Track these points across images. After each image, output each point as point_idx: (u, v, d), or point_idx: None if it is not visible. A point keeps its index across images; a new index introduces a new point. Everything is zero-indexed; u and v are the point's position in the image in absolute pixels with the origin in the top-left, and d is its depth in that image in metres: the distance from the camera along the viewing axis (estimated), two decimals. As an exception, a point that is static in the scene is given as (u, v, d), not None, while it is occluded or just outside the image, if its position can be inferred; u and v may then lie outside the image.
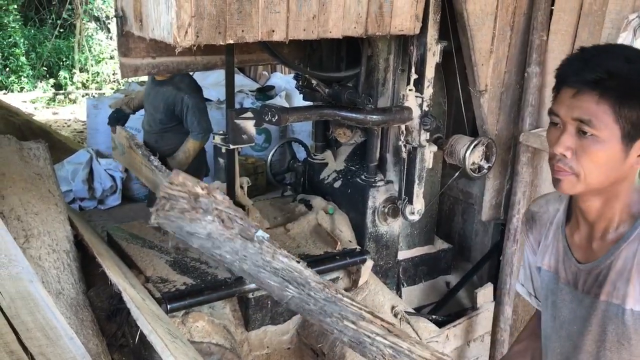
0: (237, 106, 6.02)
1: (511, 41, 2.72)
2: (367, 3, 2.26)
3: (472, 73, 2.68)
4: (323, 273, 2.56)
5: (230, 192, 2.67)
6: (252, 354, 2.61)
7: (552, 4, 2.64)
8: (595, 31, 2.52)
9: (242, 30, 2.05)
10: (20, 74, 9.38)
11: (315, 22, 2.18)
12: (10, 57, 9.38)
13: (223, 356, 2.38)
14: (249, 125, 2.47)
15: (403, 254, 3.06)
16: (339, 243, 2.69)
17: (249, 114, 2.46)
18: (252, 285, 2.37)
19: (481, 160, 2.73)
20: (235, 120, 2.45)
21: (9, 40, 9.45)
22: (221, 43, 2.03)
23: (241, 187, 2.76)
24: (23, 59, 9.42)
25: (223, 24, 2.01)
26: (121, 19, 2.47)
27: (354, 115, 2.50)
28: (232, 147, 2.50)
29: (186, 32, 1.94)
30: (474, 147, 2.66)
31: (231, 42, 2.04)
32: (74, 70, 9.83)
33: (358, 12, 2.26)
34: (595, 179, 1.16)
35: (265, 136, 5.93)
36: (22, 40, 9.48)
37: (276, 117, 2.36)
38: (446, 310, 3.05)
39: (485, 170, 2.75)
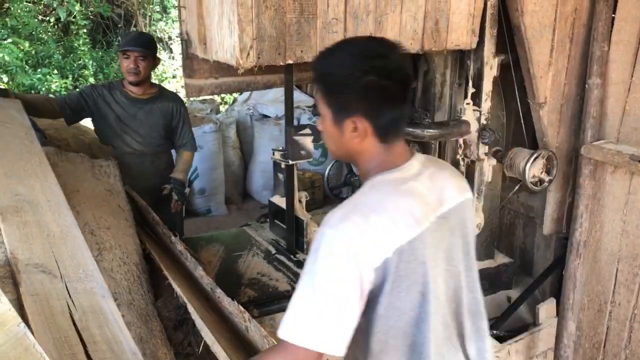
0: (295, 122, 6.15)
1: (570, 53, 2.69)
2: (423, 19, 2.29)
3: (531, 85, 2.66)
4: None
5: (290, 207, 2.74)
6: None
7: (614, 13, 2.60)
8: (658, 40, 2.47)
9: (301, 51, 2.12)
10: (89, 94, 9.81)
11: (372, 40, 2.23)
12: (80, 79, 9.83)
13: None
14: (307, 141, 2.54)
15: (462, 268, 3.03)
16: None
17: (307, 130, 2.52)
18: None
19: (542, 173, 2.69)
20: (294, 137, 2.52)
21: (79, 62, 9.92)
22: (281, 63, 2.11)
23: (299, 201, 2.82)
24: (92, 79, 9.86)
25: (283, 45, 2.08)
26: (186, 42, 2.60)
27: (411, 129, 2.52)
28: (291, 162, 2.57)
29: (248, 54, 2.02)
30: (534, 160, 2.64)
31: (290, 62, 2.11)
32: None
33: (414, 29, 2.29)
34: (331, 149, 1.46)
35: (322, 151, 6.01)
36: (90, 62, 9.93)
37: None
38: (507, 325, 3.01)
39: (546, 184, 2.72)
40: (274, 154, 2.73)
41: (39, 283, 1.76)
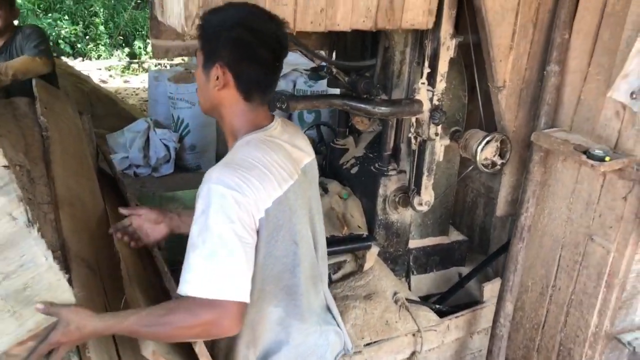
0: (290, 84, 6.17)
1: (534, 38, 2.68)
2: (377, -3, 2.31)
3: (491, 69, 2.67)
4: (330, 255, 2.67)
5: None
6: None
7: (577, 2, 2.58)
8: (616, 32, 2.45)
9: (249, 21, 2.15)
10: (98, 42, 9.88)
11: (323, 15, 2.25)
12: (90, 26, 9.90)
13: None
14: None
15: (415, 243, 3.11)
16: (345, 227, 2.79)
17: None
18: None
19: (494, 156, 2.73)
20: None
21: (90, 9, 9.97)
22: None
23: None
24: (102, 27, 9.92)
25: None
26: (152, 3, 2.64)
27: (362, 105, 2.56)
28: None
29: (193, 22, 2.07)
30: (487, 142, 2.68)
31: (237, 32, 2.15)
32: (148, 41, 10.24)
33: (367, 6, 2.31)
34: (200, 101, 1.56)
35: (315, 115, 6.05)
36: (102, 10, 9.97)
37: (285, 104, 2.46)
38: (456, 301, 3.09)
39: (498, 167, 2.76)
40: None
41: (84, 276, 1.85)
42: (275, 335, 1.58)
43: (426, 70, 2.58)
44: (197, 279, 1.33)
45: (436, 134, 2.66)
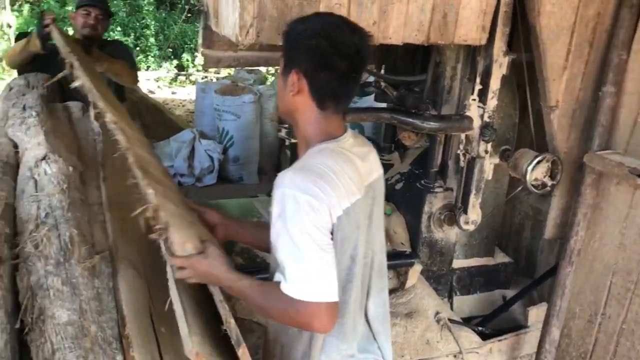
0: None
1: (589, 58, 2.63)
2: (430, 11, 2.29)
3: (544, 88, 2.62)
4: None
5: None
6: (295, 338, 2.75)
7: (637, 22, 2.52)
8: (677, 53, 2.39)
9: (302, 33, 2.17)
10: (148, 53, 10.12)
11: (375, 28, 2.25)
12: (141, 38, 10.15)
13: (263, 335, 2.54)
14: (311, 122, 2.59)
15: (459, 263, 3.06)
16: (388, 244, 2.76)
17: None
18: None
19: (545, 177, 2.67)
20: (298, 116, 2.58)
21: (142, 22, 10.24)
22: (280, 44, 2.16)
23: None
24: (152, 39, 10.16)
25: (283, 26, 2.14)
26: (205, 13, 2.69)
27: (411, 120, 2.54)
28: (293, 140, 2.64)
29: (247, 32, 2.09)
30: (538, 163, 2.62)
31: (290, 43, 2.17)
32: (196, 54, 10.43)
33: (420, 20, 2.30)
34: (278, 105, 1.58)
35: (359, 131, 6.04)
36: (153, 23, 10.22)
37: (333, 117, 2.45)
38: (498, 324, 3.02)
39: (548, 188, 2.69)
40: (280, 131, 2.80)
41: (131, 277, 1.90)
42: (314, 355, 1.56)
43: (477, 86, 2.55)
44: (289, 278, 1.39)
45: (486, 152, 2.61)
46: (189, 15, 10.75)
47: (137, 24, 10.18)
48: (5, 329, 1.50)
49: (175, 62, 10.38)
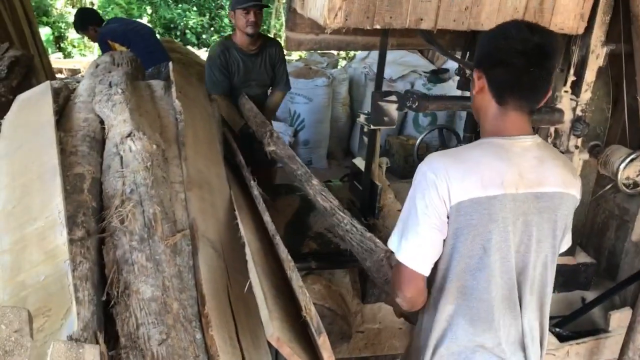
0: (407, 86, 6.08)
1: (694, 50, 2.45)
2: (526, -3, 2.19)
3: (642, 81, 2.47)
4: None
5: (368, 171, 2.78)
6: (364, 326, 2.72)
7: None
8: None
9: (390, 17, 2.11)
10: (222, 33, 10.24)
11: (467, 13, 2.17)
12: (216, 18, 10.28)
13: (334, 321, 2.53)
14: (392, 108, 2.54)
15: (538, 260, 2.94)
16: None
17: (393, 97, 2.52)
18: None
19: (638, 176, 2.52)
20: (379, 102, 2.53)
21: (217, 2, 10.36)
22: (368, 27, 2.12)
23: (380, 166, 2.84)
24: (226, 20, 10.27)
25: (372, 10, 2.08)
26: (290, -5, 2.66)
27: (498, 110, 2.43)
28: (372, 127, 2.59)
29: (336, 15, 2.05)
30: (631, 160, 2.47)
31: (378, 27, 2.11)
32: (269, 35, 10.49)
33: (515, 7, 2.20)
34: (472, 104, 1.62)
35: (431, 119, 5.93)
36: (227, 3, 10.33)
37: (416, 104, 2.39)
38: (576, 327, 2.89)
39: (640, 188, 2.55)
40: (359, 117, 2.76)
41: (209, 256, 1.93)
42: (443, 330, 1.61)
43: (571, 78, 2.42)
44: (392, 244, 1.56)
45: (576, 147, 2.49)
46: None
47: (213, 4, 10.31)
48: (92, 301, 1.53)
49: (248, 43, 10.47)
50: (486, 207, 1.46)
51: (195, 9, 10.13)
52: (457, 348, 1.59)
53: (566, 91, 2.44)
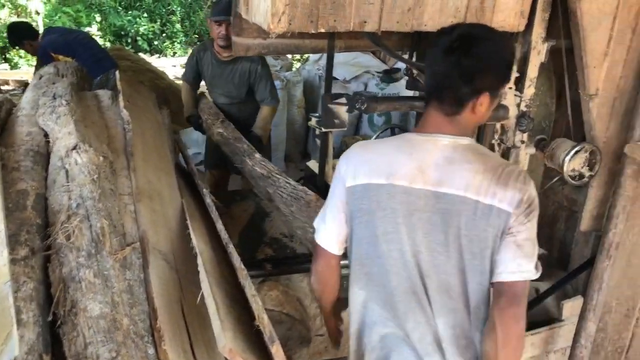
0: (361, 86, 6.11)
1: (631, 44, 2.52)
2: (467, -3, 2.22)
3: (583, 75, 2.53)
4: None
5: (321, 173, 2.78)
6: (324, 329, 2.72)
7: (683, 7, 2.41)
8: None
9: (334, 20, 2.11)
10: (175, 39, 10.14)
11: (410, 14, 2.19)
12: (167, 24, 10.16)
13: (293, 326, 2.52)
14: (342, 111, 2.55)
15: (491, 254, 2.99)
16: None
17: (343, 100, 2.53)
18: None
19: (583, 167, 2.59)
20: (329, 105, 2.53)
21: (168, 8, 10.24)
22: (312, 31, 2.11)
23: (333, 168, 2.85)
24: (178, 26, 10.18)
25: (316, 13, 2.08)
26: (235, 0, 2.64)
27: (445, 109, 2.47)
28: (323, 130, 2.60)
29: (279, 19, 2.04)
30: (576, 153, 2.54)
31: (322, 30, 2.11)
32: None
33: (457, 6, 2.23)
34: None
35: (386, 119, 5.98)
36: (178, 9, 10.23)
37: (365, 105, 2.40)
38: (531, 317, 2.95)
39: (586, 179, 2.61)
40: (310, 119, 2.76)
41: (161, 269, 1.89)
42: (361, 317, 1.70)
43: (514, 74, 2.46)
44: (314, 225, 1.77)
45: (522, 142, 2.54)
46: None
47: (163, 10, 10.19)
48: (38, 322, 1.50)
49: (201, 48, 10.39)
50: (375, 194, 1.56)
51: (145, 15, 10.00)
52: (376, 336, 1.67)
53: (510, 88, 2.48)
